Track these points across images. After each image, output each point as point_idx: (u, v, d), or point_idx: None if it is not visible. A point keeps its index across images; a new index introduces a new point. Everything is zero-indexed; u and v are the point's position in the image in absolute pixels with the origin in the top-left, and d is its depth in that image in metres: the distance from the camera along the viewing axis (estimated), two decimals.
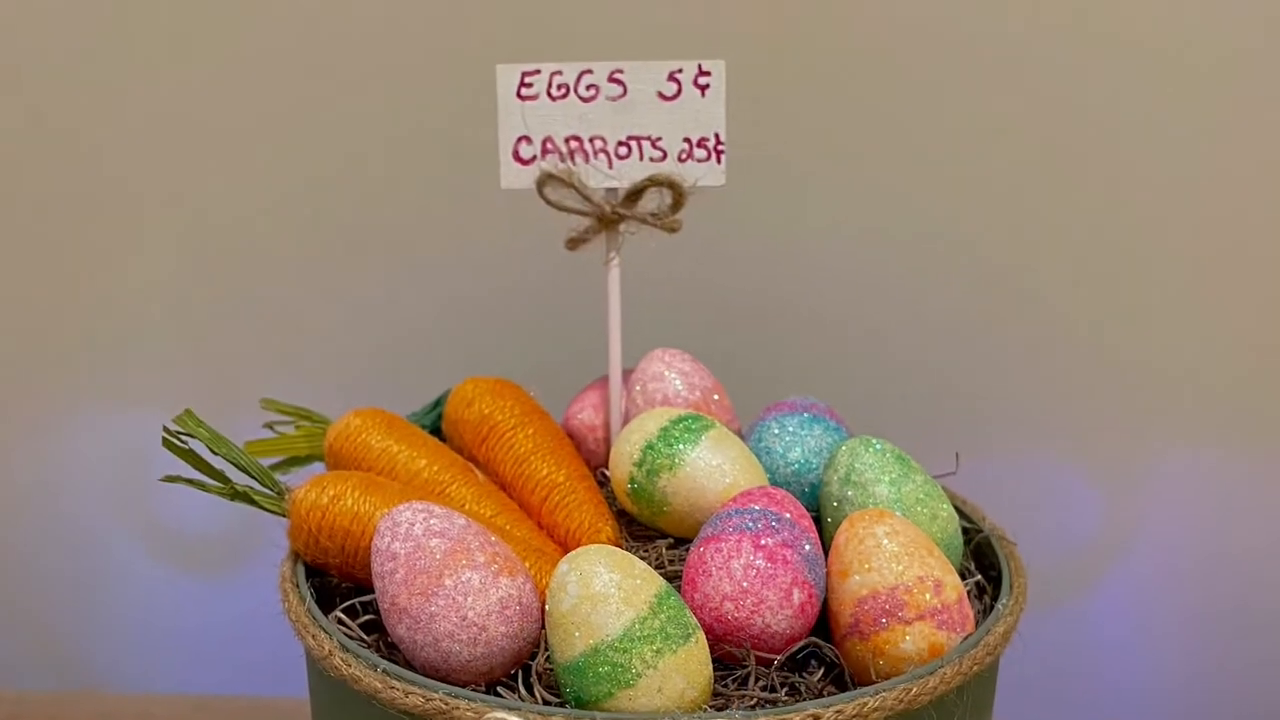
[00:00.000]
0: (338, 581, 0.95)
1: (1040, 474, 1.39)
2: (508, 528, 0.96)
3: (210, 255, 1.38)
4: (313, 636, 0.84)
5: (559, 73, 1.00)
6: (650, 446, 0.96)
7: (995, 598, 0.93)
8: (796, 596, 0.82)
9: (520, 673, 0.84)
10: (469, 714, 0.75)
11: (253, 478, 0.96)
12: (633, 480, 0.96)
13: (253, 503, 0.96)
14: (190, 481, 0.96)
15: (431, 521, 0.83)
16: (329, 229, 1.37)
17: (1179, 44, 1.26)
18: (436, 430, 1.10)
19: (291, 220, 1.37)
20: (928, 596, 0.82)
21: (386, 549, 0.83)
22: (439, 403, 1.13)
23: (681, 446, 0.95)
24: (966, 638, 0.84)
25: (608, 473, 1.01)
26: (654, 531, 1.00)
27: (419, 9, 1.30)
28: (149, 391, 1.41)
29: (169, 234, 1.38)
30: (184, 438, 0.95)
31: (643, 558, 0.92)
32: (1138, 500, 1.39)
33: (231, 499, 0.96)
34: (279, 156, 1.35)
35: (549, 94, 1.00)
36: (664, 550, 0.97)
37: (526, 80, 1.00)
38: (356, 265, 1.38)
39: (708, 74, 0.99)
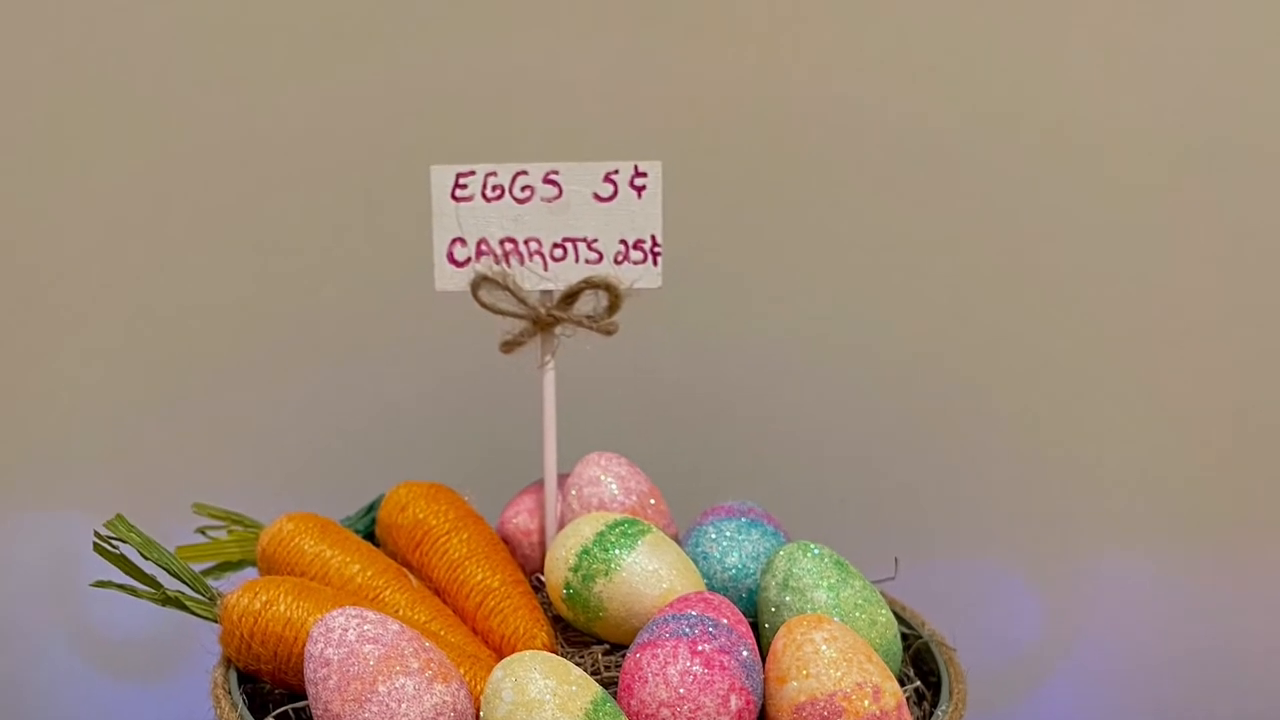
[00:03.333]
0: (270, 688, 0.94)
1: (980, 579, 1.39)
2: (442, 633, 0.95)
3: (142, 359, 1.37)
4: None
5: (494, 174, 1.00)
6: (586, 552, 0.95)
7: (935, 704, 0.92)
8: (734, 703, 0.82)
9: None
10: None
11: (184, 583, 0.95)
12: (568, 585, 0.95)
13: (184, 608, 0.95)
14: (121, 587, 0.94)
15: (365, 627, 0.82)
16: (262, 332, 1.36)
17: (1127, 150, 1.28)
18: (370, 535, 1.09)
19: (224, 323, 1.36)
20: (866, 703, 0.82)
21: (320, 655, 0.82)
22: (372, 507, 1.12)
23: (617, 552, 0.94)
24: None
25: (543, 578, 1.01)
26: (590, 637, 0.99)
27: (352, 110, 1.30)
28: (80, 495, 1.39)
29: (100, 337, 1.37)
30: (115, 542, 0.94)
31: (578, 664, 0.91)
32: (1077, 605, 1.39)
33: (163, 604, 0.95)
34: (210, 259, 1.35)
35: (484, 195, 1.00)
36: (600, 656, 0.96)
37: (461, 181, 1.00)
38: (289, 368, 1.37)
39: (644, 175, 0.99)
